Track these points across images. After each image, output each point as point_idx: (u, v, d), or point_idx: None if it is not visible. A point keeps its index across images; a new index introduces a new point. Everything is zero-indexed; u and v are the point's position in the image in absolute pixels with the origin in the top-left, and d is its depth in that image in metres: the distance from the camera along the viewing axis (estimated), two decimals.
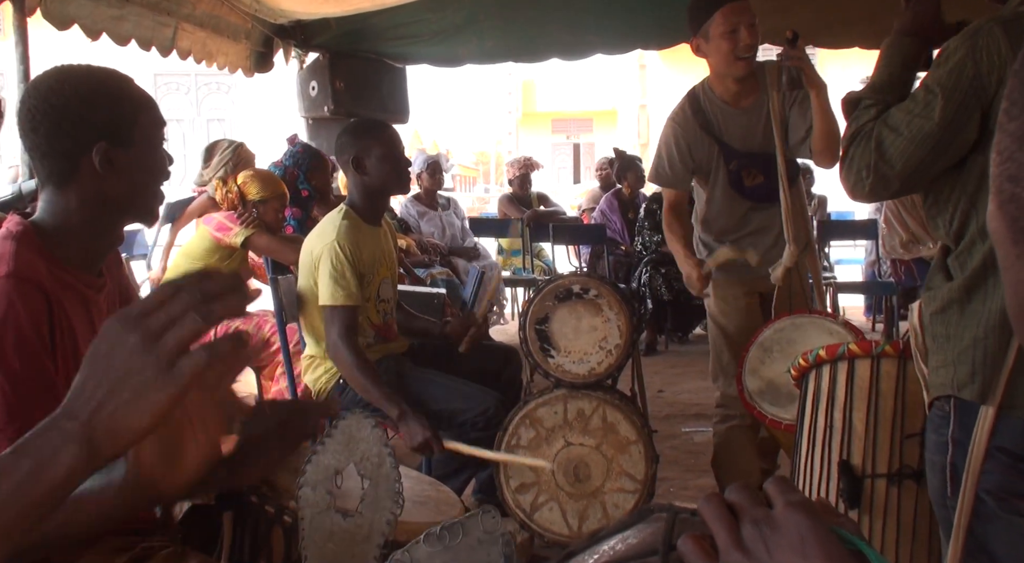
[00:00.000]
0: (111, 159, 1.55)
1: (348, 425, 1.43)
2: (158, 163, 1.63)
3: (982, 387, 1.56)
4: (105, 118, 1.54)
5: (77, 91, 1.53)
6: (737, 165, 3.13)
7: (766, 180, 3.12)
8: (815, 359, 2.34)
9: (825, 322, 2.97)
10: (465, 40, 5.61)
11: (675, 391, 5.49)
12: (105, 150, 1.54)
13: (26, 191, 3.29)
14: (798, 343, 2.91)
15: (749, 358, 2.98)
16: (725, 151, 3.14)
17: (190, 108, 13.50)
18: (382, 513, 1.37)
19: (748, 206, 3.19)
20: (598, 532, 0.75)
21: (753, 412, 2.93)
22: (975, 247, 1.60)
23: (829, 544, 0.63)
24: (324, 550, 1.37)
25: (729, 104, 3.13)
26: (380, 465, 1.39)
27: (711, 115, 3.14)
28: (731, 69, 3.03)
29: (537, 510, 2.86)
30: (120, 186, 1.57)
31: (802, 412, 2.40)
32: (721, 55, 3.00)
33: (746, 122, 3.12)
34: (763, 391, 2.92)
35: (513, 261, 7.91)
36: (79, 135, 1.53)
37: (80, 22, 3.71)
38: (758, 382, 2.94)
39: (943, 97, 1.58)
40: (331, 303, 2.92)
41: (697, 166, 3.19)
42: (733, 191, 3.16)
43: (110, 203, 1.58)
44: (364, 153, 3.01)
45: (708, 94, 3.16)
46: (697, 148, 3.16)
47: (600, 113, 22.15)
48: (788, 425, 2.78)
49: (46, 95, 1.53)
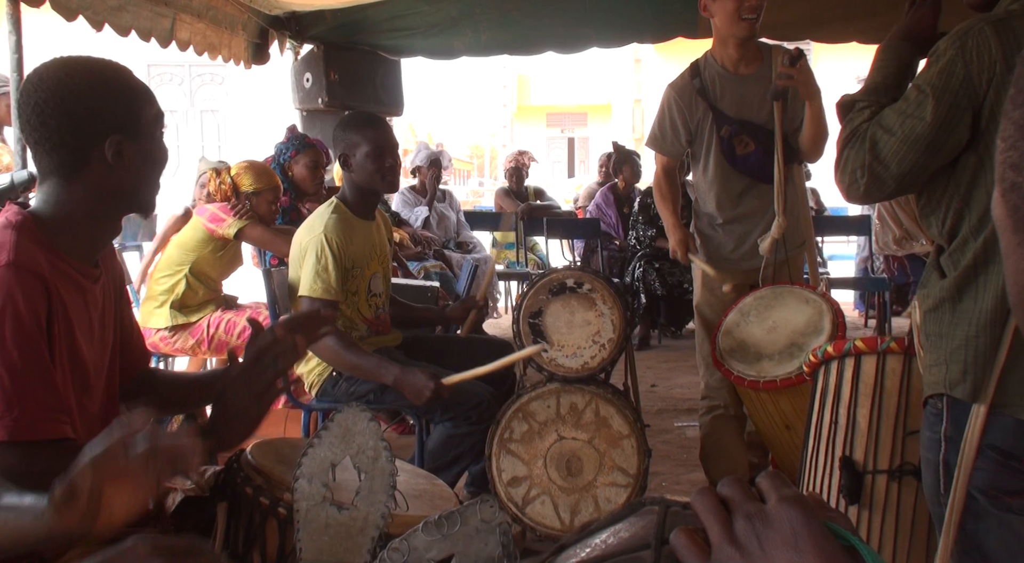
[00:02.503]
0: (121, 151, 1.56)
1: (344, 418, 1.43)
2: (161, 154, 1.64)
3: (974, 386, 1.57)
4: (117, 110, 1.55)
5: (89, 84, 1.54)
6: (729, 132, 3.17)
7: (757, 149, 3.14)
8: (823, 355, 2.36)
9: (804, 292, 3.06)
10: (460, 33, 5.59)
11: (668, 386, 5.50)
12: (118, 142, 1.55)
13: (18, 182, 3.28)
14: (775, 308, 3.02)
15: (727, 321, 3.09)
16: (717, 117, 3.18)
17: (184, 99, 13.43)
18: (377, 506, 1.38)
19: (744, 184, 3.21)
20: (589, 525, 0.75)
21: (721, 369, 3.02)
22: (967, 246, 1.61)
23: (822, 539, 0.63)
24: (319, 542, 1.37)
25: (728, 69, 3.18)
26: (376, 458, 1.40)
27: (708, 81, 3.20)
28: (734, 28, 3.08)
29: (529, 504, 2.86)
30: (127, 178, 1.58)
31: (811, 409, 2.42)
32: (726, 14, 3.06)
33: (743, 90, 3.14)
34: (733, 350, 3.02)
35: (507, 254, 7.91)
36: (92, 128, 1.53)
37: (84, 13, 3.72)
38: (730, 342, 3.05)
39: (934, 97, 1.58)
40: (308, 294, 2.92)
41: (691, 133, 3.23)
42: (725, 161, 3.19)
43: (116, 194, 1.59)
44: (350, 150, 3.00)
45: (709, 61, 3.22)
46: (691, 112, 3.21)
47: (595, 107, 22.14)
48: (751, 382, 2.89)
49: (55, 88, 1.52)
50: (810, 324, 2.93)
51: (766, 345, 2.96)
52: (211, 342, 3.98)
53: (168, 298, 3.96)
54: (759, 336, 3.00)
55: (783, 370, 2.83)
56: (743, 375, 2.92)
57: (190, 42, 4.58)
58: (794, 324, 2.96)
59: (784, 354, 2.90)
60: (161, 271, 4.06)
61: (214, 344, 3.99)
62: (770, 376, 2.84)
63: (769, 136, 3.11)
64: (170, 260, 4.06)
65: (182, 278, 3.97)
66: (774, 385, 2.82)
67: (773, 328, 2.99)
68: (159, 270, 4.10)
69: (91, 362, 1.59)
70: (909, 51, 1.81)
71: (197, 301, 4.02)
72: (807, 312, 2.96)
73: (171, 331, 3.95)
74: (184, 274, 3.98)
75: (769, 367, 2.88)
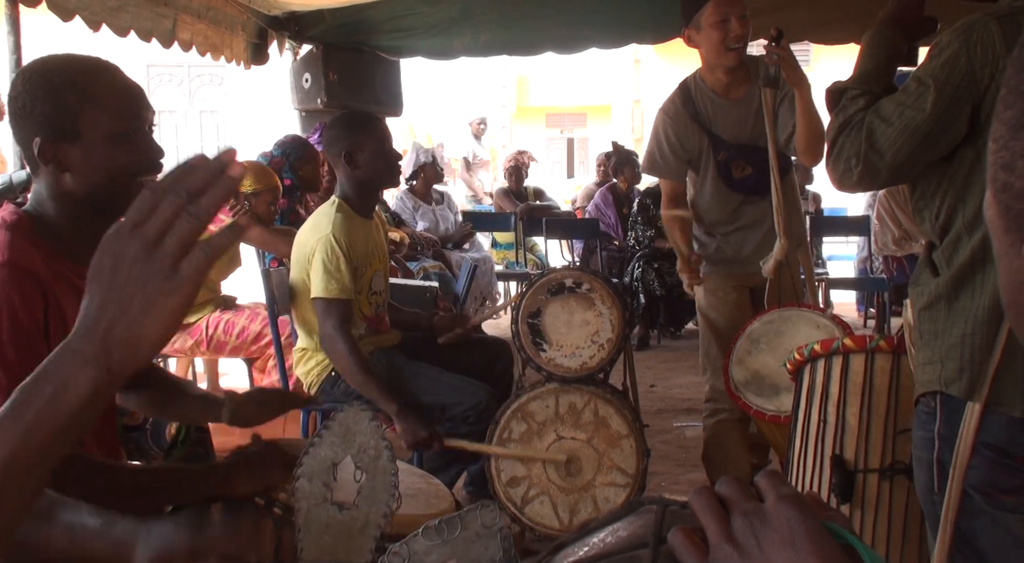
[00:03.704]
0: (57, 154, 1.49)
1: (345, 418, 1.43)
2: (116, 158, 1.53)
3: (969, 384, 1.56)
4: (45, 111, 1.49)
5: (29, 84, 1.50)
6: (726, 156, 3.15)
7: (754, 172, 3.13)
8: (810, 354, 2.35)
9: (813, 315, 3.00)
10: (459, 33, 5.59)
11: (667, 386, 5.50)
12: (43, 144, 1.48)
13: (17, 181, 3.28)
14: (786, 335, 2.94)
15: (737, 349, 3.01)
16: (714, 142, 3.15)
17: (183, 99, 13.42)
18: (379, 506, 1.37)
19: (739, 199, 3.20)
20: (588, 524, 0.75)
21: (738, 402, 2.95)
22: (961, 242, 1.60)
23: (820, 538, 0.63)
24: (320, 542, 1.37)
25: (720, 95, 3.15)
26: (377, 458, 1.39)
27: (701, 106, 3.16)
28: (721, 59, 3.05)
29: (528, 504, 2.86)
30: (77, 181, 1.52)
31: (796, 407, 2.41)
32: (711, 45, 3.03)
33: (736, 113, 3.13)
34: (748, 382, 2.95)
35: (506, 254, 7.91)
36: (24, 129, 1.50)
37: (81, 13, 3.70)
38: (744, 372, 2.97)
39: (935, 89, 1.58)
40: (324, 296, 2.91)
41: (689, 157, 3.21)
42: (722, 183, 3.18)
43: (77, 198, 1.53)
44: (357, 148, 3.00)
45: (699, 85, 3.18)
46: (687, 139, 3.18)
47: (594, 108, 22.11)
48: (772, 416, 2.82)
49: (9, 87, 1.52)
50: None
51: (781, 376, 2.88)
52: (210, 342, 3.98)
53: None
54: (773, 366, 2.91)
55: None
56: (763, 410, 2.86)
57: (192, 43, 4.58)
58: None
59: None
60: None
61: (213, 344, 3.99)
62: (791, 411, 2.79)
63: (764, 155, 3.08)
64: None
65: None
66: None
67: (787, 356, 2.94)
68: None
69: None
70: (896, 37, 1.81)
71: (195, 301, 4.01)
72: (818, 337, 2.91)
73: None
74: None
75: (788, 401, 2.80)
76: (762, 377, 2.93)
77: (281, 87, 5.89)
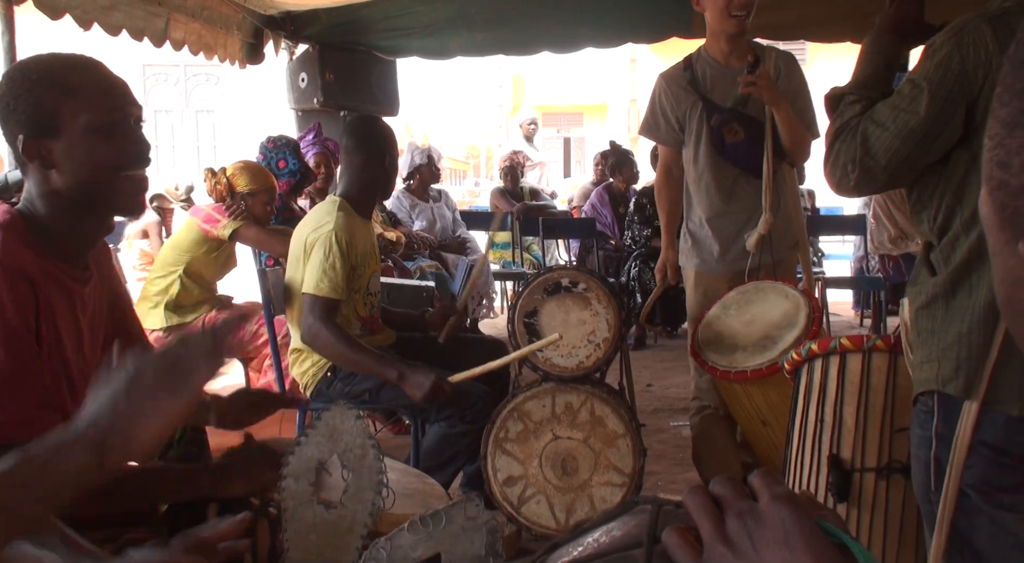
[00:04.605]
0: (41, 150, 1.49)
1: (331, 417, 1.43)
2: (98, 152, 1.50)
3: (966, 382, 1.57)
4: (26, 108, 1.48)
5: (9, 82, 1.50)
6: (719, 120, 3.21)
7: (746, 139, 3.18)
8: (807, 354, 2.36)
9: (785, 287, 3.09)
10: (455, 33, 5.59)
11: (663, 385, 5.50)
12: (27, 141, 1.48)
13: (12, 181, 3.27)
14: (755, 303, 3.06)
15: (708, 314, 3.14)
16: (707, 106, 3.22)
17: (179, 99, 13.39)
18: (365, 504, 1.37)
19: (734, 175, 3.22)
20: (583, 523, 0.75)
21: (696, 359, 3.05)
22: (959, 242, 1.60)
23: (814, 537, 0.63)
24: (307, 541, 1.37)
25: (720, 62, 3.23)
26: (363, 457, 1.39)
27: (699, 72, 3.25)
28: (724, 25, 3.13)
29: (524, 503, 2.86)
30: (63, 178, 1.50)
31: (794, 406, 2.41)
32: (717, 9, 3.12)
33: (733, 81, 3.17)
34: (710, 341, 3.06)
35: (503, 254, 7.90)
36: (9, 127, 1.50)
37: (72, 11, 3.68)
38: (708, 333, 3.09)
39: (929, 92, 1.58)
40: (313, 292, 2.91)
41: (680, 121, 3.27)
42: (714, 151, 3.21)
43: (64, 195, 1.52)
44: (382, 154, 3.10)
45: (702, 55, 3.28)
46: (679, 101, 3.25)
47: (590, 107, 22.11)
48: (723, 371, 2.91)
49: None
50: (786, 317, 2.94)
51: (742, 337, 2.98)
52: None
53: (163, 299, 3.95)
54: (736, 328, 3.03)
55: (754, 361, 2.84)
56: (716, 365, 2.94)
57: (184, 42, 4.57)
58: (770, 317, 2.98)
59: (758, 346, 2.90)
60: (156, 272, 4.05)
61: None
62: (741, 367, 2.85)
63: (758, 126, 3.15)
64: (164, 261, 4.05)
65: (176, 279, 3.96)
66: (744, 376, 2.83)
67: (750, 321, 3.01)
68: (154, 271, 4.09)
69: (76, 367, 1.55)
70: (894, 43, 1.81)
71: (192, 302, 4.01)
72: (784, 306, 2.98)
73: (166, 332, 3.94)
74: (179, 275, 3.97)
75: (742, 358, 2.89)
76: (723, 338, 3.04)
77: (277, 87, 5.88)
